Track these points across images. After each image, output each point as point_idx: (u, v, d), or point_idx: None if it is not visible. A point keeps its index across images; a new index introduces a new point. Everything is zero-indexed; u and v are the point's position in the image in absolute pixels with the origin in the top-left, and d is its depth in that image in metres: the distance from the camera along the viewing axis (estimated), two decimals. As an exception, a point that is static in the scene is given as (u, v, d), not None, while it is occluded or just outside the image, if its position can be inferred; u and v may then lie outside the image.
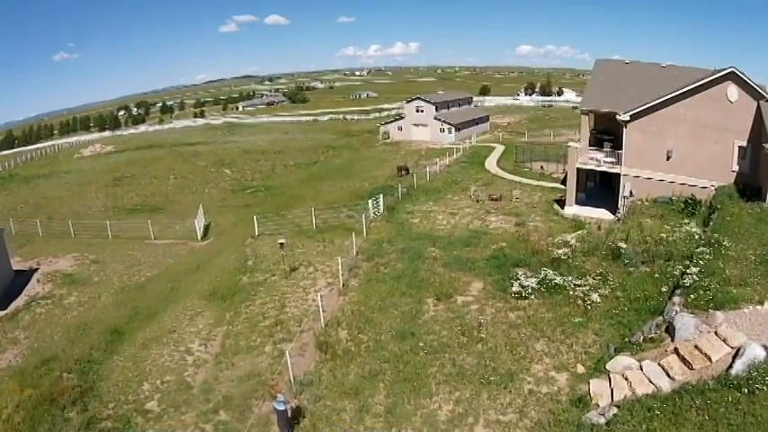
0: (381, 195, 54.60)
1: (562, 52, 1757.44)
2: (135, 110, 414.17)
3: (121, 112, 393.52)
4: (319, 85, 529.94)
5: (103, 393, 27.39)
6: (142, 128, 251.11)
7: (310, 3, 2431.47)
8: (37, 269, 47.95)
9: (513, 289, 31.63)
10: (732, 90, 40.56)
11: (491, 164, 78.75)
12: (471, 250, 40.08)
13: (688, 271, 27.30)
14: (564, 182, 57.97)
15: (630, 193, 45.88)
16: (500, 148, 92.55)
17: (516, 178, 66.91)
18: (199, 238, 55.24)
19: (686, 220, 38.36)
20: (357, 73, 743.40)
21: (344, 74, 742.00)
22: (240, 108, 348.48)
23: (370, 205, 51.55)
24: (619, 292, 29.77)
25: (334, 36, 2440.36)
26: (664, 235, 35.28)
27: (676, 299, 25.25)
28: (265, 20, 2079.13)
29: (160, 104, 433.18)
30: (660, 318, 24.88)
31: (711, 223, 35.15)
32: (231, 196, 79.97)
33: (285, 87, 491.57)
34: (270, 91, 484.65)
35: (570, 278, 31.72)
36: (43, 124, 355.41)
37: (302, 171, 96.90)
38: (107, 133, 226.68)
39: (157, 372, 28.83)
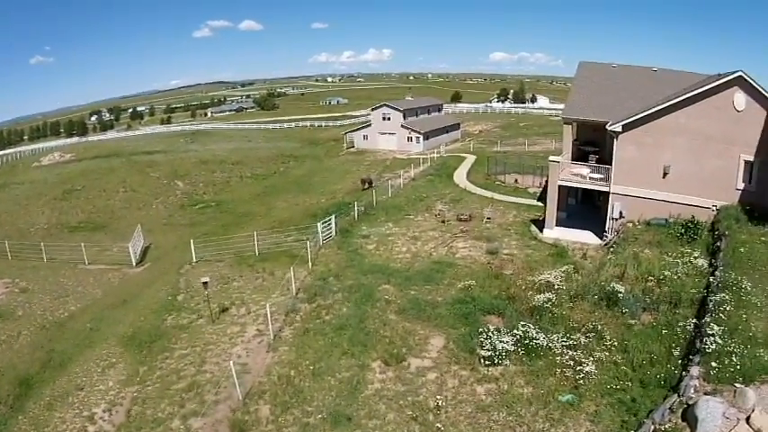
0: (334, 217, 48.05)
1: (536, 59, 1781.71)
2: (107, 115, 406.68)
3: (93, 118, 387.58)
4: (291, 91, 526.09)
5: (-2, 468, 23.48)
6: (109, 134, 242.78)
7: (284, 9, 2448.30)
8: (-34, 298, 42.69)
9: (483, 352, 25.05)
10: (739, 97, 36.09)
11: (460, 176, 72.38)
12: (433, 289, 33.73)
13: (709, 330, 21.38)
14: (541, 197, 52.88)
15: (620, 214, 40.17)
16: (471, 159, 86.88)
17: (488, 193, 60.68)
18: (134, 263, 49.11)
19: (688, 249, 33.21)
20: (329, 79, 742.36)
21: (317, 80, 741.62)
22: (209, 114, 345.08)
23: (319, 229, 45.05)
24: (618, 355, 23.82)
25: (308, 42, 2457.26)
26: (667, 272, 29.29)
27: (694, 370, 19.55)
28: (239, 25, 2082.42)
29: (131, 110, 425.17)
30: (675, 398, 18.99)
31: (720, 253, 30.08)
32: (179, 212, 74.60)
33: (257, 93, 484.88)
34: (241, 97, 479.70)
35: (556, 336, 25.41)
36: (14, 129, 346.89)
37: (258, 184, 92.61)
38: (73, 140, 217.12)
39: (55, 444, 24.06)
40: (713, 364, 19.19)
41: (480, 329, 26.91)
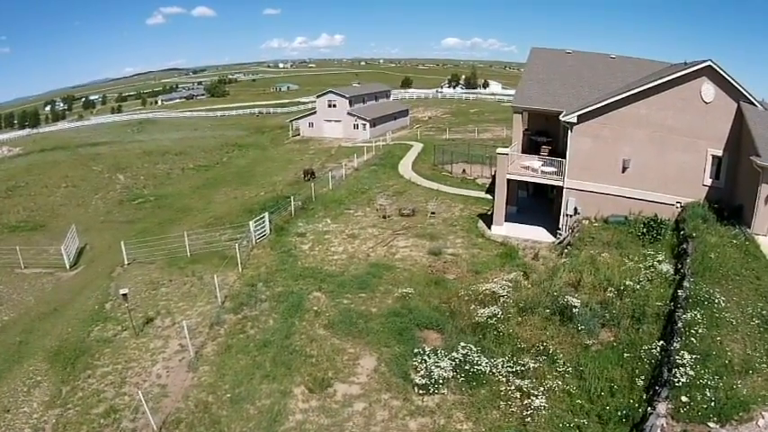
0: (267, 214, 44.41)
1: (489, 45, 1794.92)
2: (61, 105, 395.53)
3: (47, 108, 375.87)
4: (242, 78, 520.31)
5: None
6: (59, 125, 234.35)
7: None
8: None
9: (418, 379, 21.84)
10: (707, 88, 33.74)
11: (406, 166, 69.08)
12: (367, 297, 30.53)
13: (679, 359, 18.41)
14: (490, 189, 49.85)
15: (575, 210, 37.36)
16: (418, 147, 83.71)
17: (434, 185, 57.51)
18: (68, 266, 44.75)
19: (651, 251, 30.54)
20: (281, 65, 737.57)
21: (268, 66, 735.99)
22: (159, 102, 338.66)
23: (251, 227, 41.61)
24: (572, 384, 20.75)
25: (260, 28, 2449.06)
26: (629, 282, 26.15)
27: (662, 407, 17.00)
28: (192, 12, 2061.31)
29: (84, 99, 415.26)
30: (641, 440, 16.37)
31: (688, 259, 27.18)
32: (117, 209, 69.90)
33: (208, 80, 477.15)
34: (192, 84, 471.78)
35: (501, 360, 22.21)
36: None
37: (200, 175, 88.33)
38: (24, 132, 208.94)
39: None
40: (683, 398, 16.76)
41: (416, 349, 23.89)
